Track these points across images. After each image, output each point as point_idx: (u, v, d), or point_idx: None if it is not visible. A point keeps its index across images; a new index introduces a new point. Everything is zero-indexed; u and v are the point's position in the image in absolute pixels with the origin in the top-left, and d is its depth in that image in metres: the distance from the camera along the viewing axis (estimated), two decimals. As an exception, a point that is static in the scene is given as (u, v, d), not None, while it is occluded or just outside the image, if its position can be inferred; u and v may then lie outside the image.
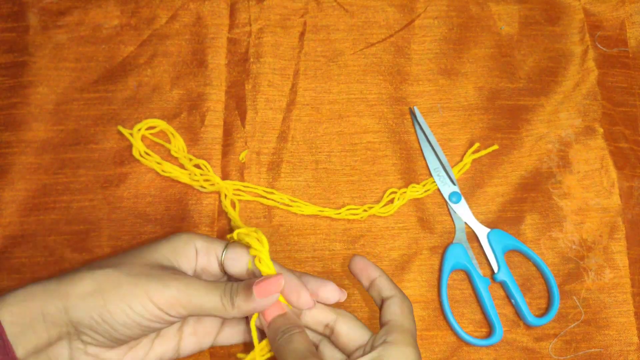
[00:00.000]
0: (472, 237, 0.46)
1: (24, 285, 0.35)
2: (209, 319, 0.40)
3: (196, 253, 0.38)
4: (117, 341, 0.36)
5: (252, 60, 0.50)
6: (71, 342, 0.35)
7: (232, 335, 0.40)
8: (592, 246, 0.46)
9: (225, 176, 0.47)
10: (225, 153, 0.47)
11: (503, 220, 0.47)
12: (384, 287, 0.38)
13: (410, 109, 0.49)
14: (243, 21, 0.50)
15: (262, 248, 0.37)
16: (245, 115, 0.48)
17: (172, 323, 0.36)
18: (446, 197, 0.47)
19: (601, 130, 0.49)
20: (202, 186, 0.46)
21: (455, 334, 0.44)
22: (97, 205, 0.46)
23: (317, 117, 0.49)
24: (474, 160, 0.48)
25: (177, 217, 0.46)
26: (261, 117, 0.48)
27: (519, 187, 0.48)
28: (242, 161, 0.47)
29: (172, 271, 0.36)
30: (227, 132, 0.48)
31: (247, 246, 0.38)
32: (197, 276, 0.39)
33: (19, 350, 0.33)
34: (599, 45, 0.52)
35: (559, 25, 0.52)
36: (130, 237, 0.45)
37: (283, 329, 0.36)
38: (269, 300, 0.36)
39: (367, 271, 0.39)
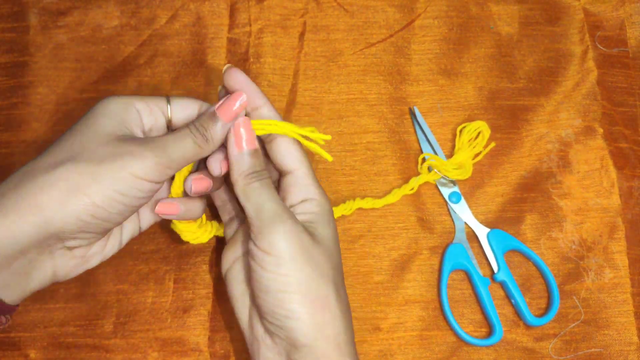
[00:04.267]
0: (472, 237, 0.46)
1: None
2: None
3: (139, 115, 0.36)
4: (106, 231, 0.35)
5: (252, 60, 0.50)
6: (53, 252, 0.34)
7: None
8: (592, 246, 0.46)
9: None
10: (225, 153, 0.47)
11: (503, 220, 0.47)
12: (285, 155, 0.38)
13: (410, 109, 0.49)
14: (243, 21, 0.50)
15: None
16: (245, 115, 0.48)
17: (159, 188, 0.36)
18: (446, 197, 0.47)
19: (601, 130, 0.49)
20: None
21: (455, 334, 0.44)
22: (97, 205, 0.46)
23: (317, 117, 0.49)
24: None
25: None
26: (261, 117, 0.48)
27: (519, 187, 0.48)
28: (242, 161, 0.47)
29: (134, 140, 0.34)
30: (227, 132, 0.48)
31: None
32: (148, 136, 0.37)
33: None
34: (599, 45, 0.52)
35: (559, 25, 0.52)
36: (130, 237, 0.45)
37: (250, 172, 0.35)
38: (237, 118, 0.36)
39: (249, 94, 0.37)
